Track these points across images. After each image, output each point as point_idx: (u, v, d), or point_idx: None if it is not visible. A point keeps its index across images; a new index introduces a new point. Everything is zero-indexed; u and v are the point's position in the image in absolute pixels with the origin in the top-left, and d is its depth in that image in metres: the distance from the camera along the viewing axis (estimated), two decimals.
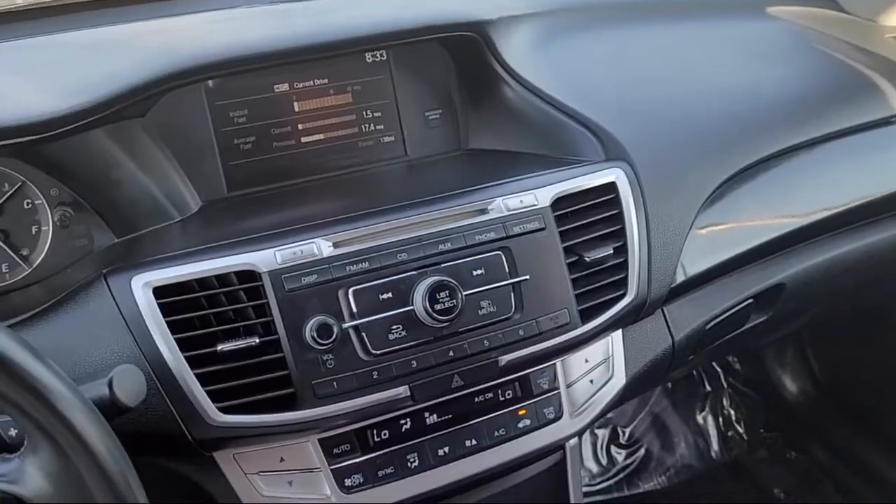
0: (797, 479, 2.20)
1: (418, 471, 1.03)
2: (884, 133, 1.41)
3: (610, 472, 2.24)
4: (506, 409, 1.08)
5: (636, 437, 2.31)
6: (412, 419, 1.04)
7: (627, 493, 2.21)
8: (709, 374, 2.40)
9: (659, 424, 2.34)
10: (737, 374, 2.39)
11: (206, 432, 0.91)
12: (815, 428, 2.22)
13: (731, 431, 2.34)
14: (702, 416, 2.36)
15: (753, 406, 2.35)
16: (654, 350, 1.20)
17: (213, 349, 0.91)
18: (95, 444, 0.68)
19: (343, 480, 0.99)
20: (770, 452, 2.29)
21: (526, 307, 1.04)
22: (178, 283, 0.91)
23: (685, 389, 2.38)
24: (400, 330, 0.97)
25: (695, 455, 2.31)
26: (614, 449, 2.27)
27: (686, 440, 2.33)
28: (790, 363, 2.29)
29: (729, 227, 1.25)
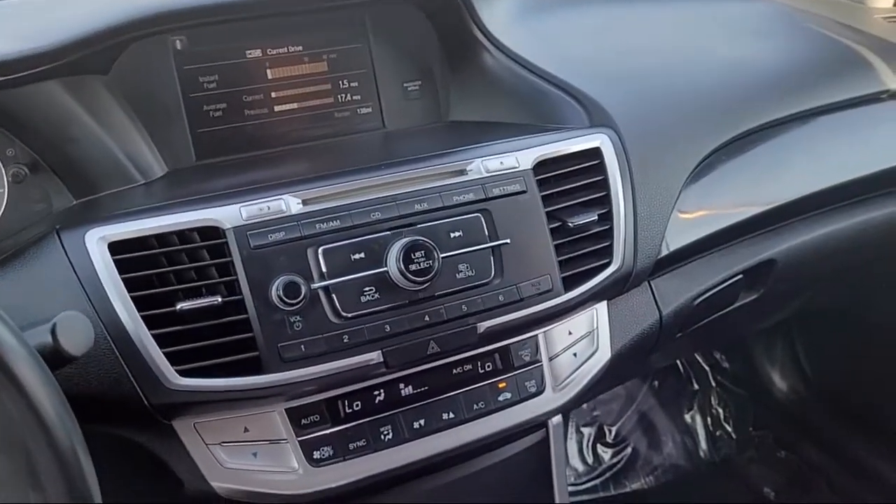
0: (788, 479, 2.15)
1: (392, 444, 0.97)
2: (873, 110, 1.38)
3: (596, 472, 2.18)
4: (485, 381, 1.03)
5: (623, 436, 2.25)
6: (386, 390, 0.98)
7: (614, 493, 2.16)
8: (696, 373, 2.35)
9: (646, 423, 2.29)
10: (725, 373, 2.35)
11: (163, 397, 0.85)
12: (806, 426, 2.18)
13: (719, 431, 2.29)
14: (689, 414, 2.31)
15: (742, 404, 2.30)
16: (640, 324, 1.15)
17: (173, 309, 0.85)
18: (33, 390, 0.63)
19: (311, 453, 0.93)
20: (759, 451, 2.23)
21: (506, 272, 0.99)
22: (136, 238, 0.85)
23: (673, 388, 2.34)
24: (373, 292, 0.92)
25: (683, 454, 2.26)
26: (601, 448, 2.22)
27: (674, 439, 2.28)
28: (780, 360, 2.25)
29: (717, 200, 1.21)
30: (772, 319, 1.67)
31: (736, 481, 2.19)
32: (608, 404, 2.28)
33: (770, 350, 2.26)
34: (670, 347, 1.44)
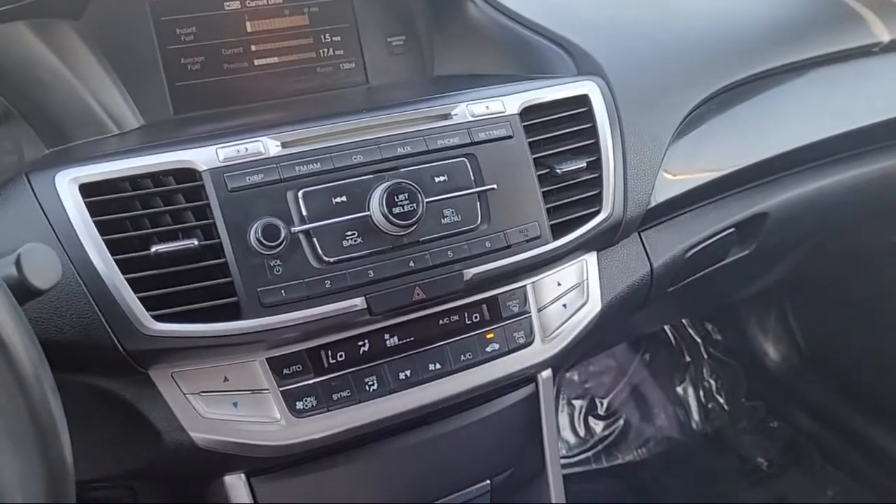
0: (781, 449, 2.14)
1: (377, 395, 0.94)
2: (865, 63, 1.35)
3: (588, 444, 2.17)
4: (473, 332, 1.00)
5: (614, 409, 2.24)
6: (370, 341, 0.95)
7: (606, 465, 2.14)
8: (688, 345, 2.34)
9: (638, 395, 2.27)
10: (717, 344, 2.33)
11: (138, 343, 0.82)
12: (799, 396, 2.17)
13: (711, 403, 2.28)
14: (681, 386, 2.30)
15: (734, 375, 2.29)
16: (631, 276, 1.13)
17: (147, 253, 0.82)
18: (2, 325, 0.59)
19: (294, 403, 0.91)
20: (752, 422, 2.22)
21: (493, 218, 0.96)
22: (108, 180, 0.82)
23: (664, 360, 2.32)
24: (355, 237, 0.89)
25: (675, 426, 2.24)
26: (592, 420, 2.20)
27: (666, 411, 2.26)
28: (772, 331, 2.23)
29: (708, 151, 1.19)
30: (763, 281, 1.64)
31: (728, 452, 2.17)
32: (599, 377, 2.26)
33: (763, 321, 2.25)
34: (660, 307, 1.42)
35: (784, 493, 2.03)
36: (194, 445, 0.88)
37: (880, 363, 1.96)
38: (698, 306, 1.71)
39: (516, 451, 1.11)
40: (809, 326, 2.15)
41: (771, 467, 2.10)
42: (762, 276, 1.60)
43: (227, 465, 0.93)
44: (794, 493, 2.02)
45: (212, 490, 0.96)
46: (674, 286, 1.23)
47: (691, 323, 2.35)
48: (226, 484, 0.94)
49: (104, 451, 0.93)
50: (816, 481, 2.03)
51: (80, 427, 0.89)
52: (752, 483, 2.07)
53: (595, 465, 2.14)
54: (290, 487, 0.97)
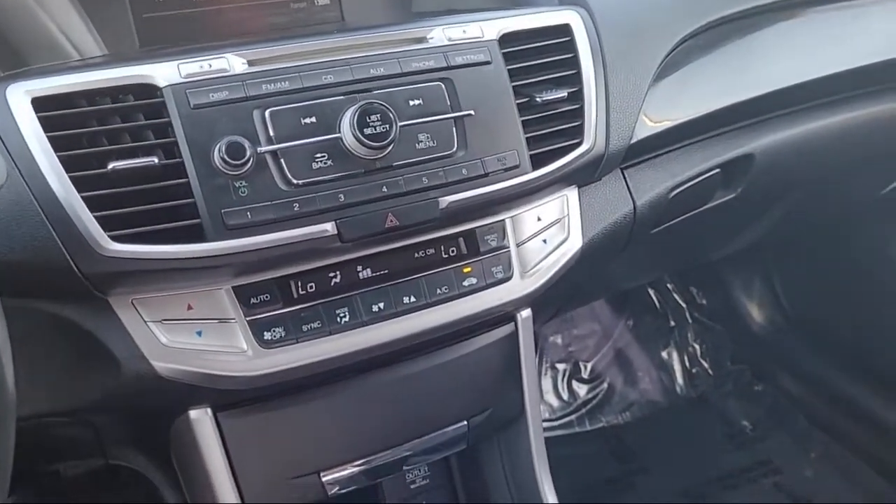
0: (765, 412, 2.12)
1: (349, 327, 0.91)
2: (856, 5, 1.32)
3: (571, 407, 2.14)
4: (449, 265, 0.97)
5: (598, 372, 2.21)
6: (342, 272, 0.91)
7: (589, 428, 2.12)
8: (673, 309, 2.32)
9: (622, 359, 2.25)
10: (702, 309, 2.32)
11: (95, 265, 0.78)
12: (784, 358, 2.15)
13: (695, 367, 2.26)
14: (666, 351, 2.28)
15: (719, 340, 2.27)
16: (613, 213, 1.10)
17: (104, 171, 0.78)
18: None
19: (261, 333, 0.87)
20: (737, 386, 2.21)
21: (470, 145, 0.92)
22: (62, 94, 0.78)
23: (649, 325, 2.30)
24: (325, 159, 0.85)
25: (659, 390, 2.22)
26: (576, 383, 2.18)
27: (650, 375, 2.24)
28: (757, 294, 2.22)
29: (694, 88, 1.15)
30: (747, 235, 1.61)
31: (713, 416, 2.16)
32: (583, 340, 2.24)
33: (747, 284, 2.23)
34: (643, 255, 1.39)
35: (768, 455, 2.01)
36: (157, 375, 0.84)
37: (865, 324, 1.95)
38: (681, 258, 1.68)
39: (495, 391, 1.08)
40: (794, 289, 2.14)
41: (755, 430, 2.09)
42: (746, 228, 1.57)
43: (192, 398, 0.89)
44: (779, 456, 2.00)
45: (177, 426, 0.93)
46: (657, 228, 1.19)
47: (676, 287, 2.33)
48: (191, 419, 0.91)
49: (59, 382, 0.89)
50: (800, 443, 2.02)
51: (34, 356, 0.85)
52: (736, 446, 2.06)
53: (578, 428, 2.11)
54: (258, 423, 0.94)
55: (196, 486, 0.97)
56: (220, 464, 0.92)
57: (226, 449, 0.92)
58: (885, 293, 1.86)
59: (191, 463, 0.94)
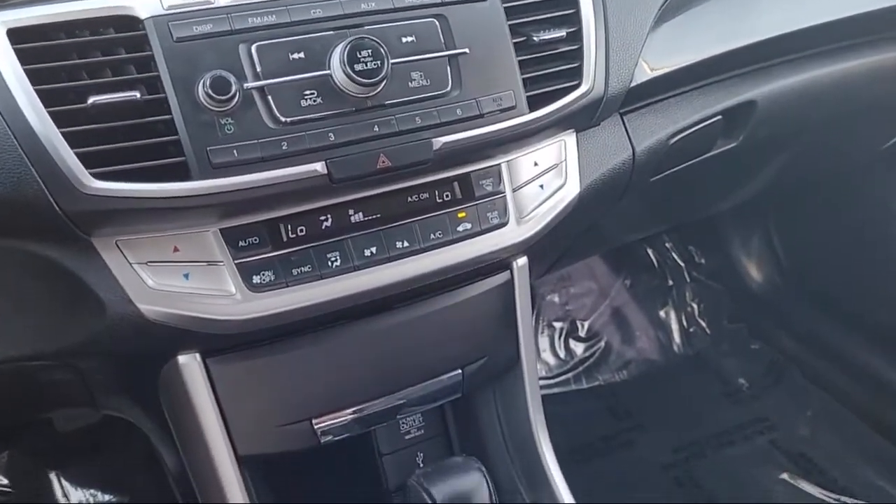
0: (762, 370, 2.12)
1: (340, 272, 0.88)
2: None
3: (568, 365, 2.13)
4: (443, 210, 0.94)
5: (595, 331, 2.20)
6: (333, 216, 0.89)
7: (586, 386, 2.11)
8: (671, 269, 2.31)
9: (619, 318, 2.24)
10: (700, 268, 2.30)
11: (77, 203, 0.75)
12: (782, 317, 2.14)
13: (693, 326, 2.25)
14: (664, 310, 2.27)
15: (717, 298, 2.26)
16: (612, 159, 1.07)
17: (84, 105, 0.75)
18: None
19: (250, 277, 0.85)
20: (734, 345, 2.20)
21: (465, 85, 0.89)
22: (40, 25, 0.75)
23: (647, 284, 2.29)
24: (314, 97, 0.82)
25: (656, 349, 2.21)
26: (573, 342, 2.17)
27: (647, 334, 2.23)
28: (756, 252, 2.20)
29: (696, 32, 1.12)
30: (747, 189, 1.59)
31: (709, 374, 2.15)
32: (580, 299, 2.22)
33: (746, 243, 2.21)
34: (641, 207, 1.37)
35: (765, 413, 2.01)
36: (143, 319, 0.82)
37: (863, 282, 1.94)
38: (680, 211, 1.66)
39: (490, 340, 1.06)
40: (793, 247, 2.12)
41: (752, 388, 2.09)
42: (747, 181, 1.54)
43: (180, 343, 0.87)
44: (775, 413, 2.00)
45: (165, 372, 0.91)
46: (657, 176, 1.17)
47: (674, 247, 2.31)
48: (179, 364, 0.89)
49: (44, 324, 0.87)
50: (797, 401, 2.02)
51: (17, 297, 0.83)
52: (732, 403, 2.05)
53: (575, 386, 2.11)
54: (248, 369, 0.92)
55: (186, 435, 0.96)
56: (209, 411, 0.90)
57: (216, 395, 0.90)
58: (886, 250, 1.85)
59: (180, 410, 0.93)
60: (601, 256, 2.26)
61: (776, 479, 1.82)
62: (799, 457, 1.87)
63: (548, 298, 2.19)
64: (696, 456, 1.89)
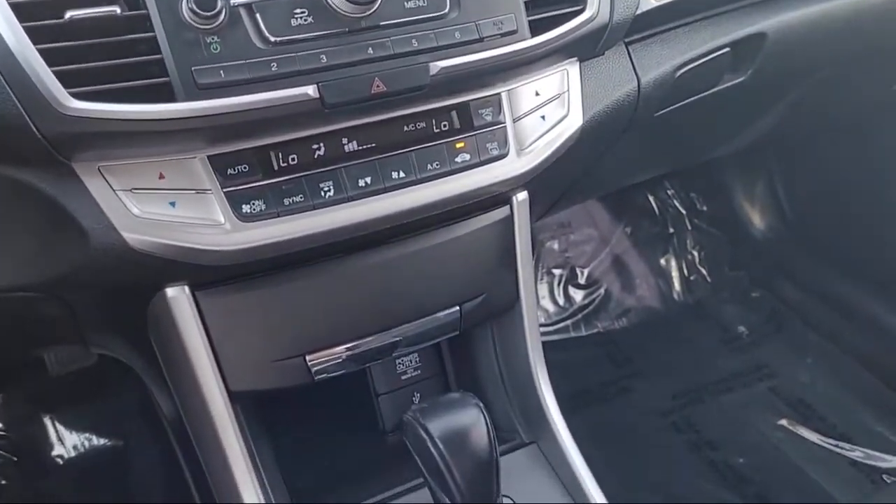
0: (762, 318, 2.10)
1: (333, 202, 0.85)
2: None
3: (567, 312, 2.11)
4: (441, 140, 0.91)
5: (595, 278, 2.18)
6: (326, 144, 0.85)
7: (585, 333, 2.09)
8: (672, 217, 2.27)
9: (619, 266, 2.21)
10: (701, 215, 2.27)
11: (56, 124, 0.72)
12: (783, 264, 2.12)
13: (694, 274, 2.23)
14: (664, 258, 2.24)
15: (719, 246, 2.23)
16: (616, 90, 1.03)
17: (61, 20, 0.71)
18: None
19: (240, 206, 0.81)
20: (734, 293, 2.18)
21: (464, 7, 0.85)
22: None
23: (647, 231, 2.26)
24: (305, 16, 0.78)
25: (656, 297, 2.19)
26: (572, 289, 2.14)
27: (647, 282, 2.21)
28: (759, 199, 2.17)
29: None
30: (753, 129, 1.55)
31: (709, 322, 2.13)
32: (580, 246, 2.20)
33: (749, 189, 2.18)
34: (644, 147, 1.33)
35: (764, 360, 2.00)
36: (128, 248, 0.79)
37: (867, 229, 1.91)
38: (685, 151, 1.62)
39: (488, 277, 1.03)
40: (797, 194, 2.09)
41: (752, 336, 2.07)
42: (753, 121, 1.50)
43: (168, 274, 0.84)
44: (774, 361, 1.99)
45: (154, 306, 0.88)
46: (662, 110, 1.13)
47: (676, 194, 2.28)
48: (168, 297, 0.86)
49: (26, 253, 0.84)
50: (797, 348, 2.00)
51: None
52: (732, 351, 2.04)
53: (574, 333, 2.09)
54: (239, 303, 0.89)
55: (177, 371, 0.93)
56: (199, 345, 0.87)
57: (206, 329, 0.88)
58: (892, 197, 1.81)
59: (170, 345, 0.90)
60: (601, 203, 2.23)
61: (775, 424, 1.81)
62: (798, 403, 1.87)
63: (547, 245, 2.16)
64: (694, 402, 1.88)
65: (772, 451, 1.75)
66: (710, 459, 1.75)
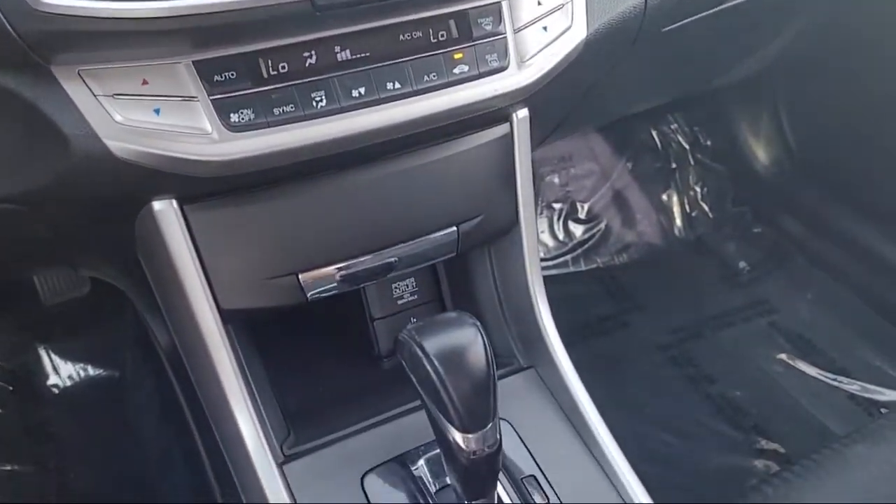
0: (764, 254, 2.08)
1: (326, 113, 0.82)
2: None
3: (566, 247, 2.09)
4: (439, 50, 0.87)
5: (595, 213, 2.15)
6: (318, 52, 0.81)
7: (584, 268, 2.07)
8: (675, 151, 2.23)
9: (620, 201, 2.18)
10: (705, 150, 2.23)
11: (29, 21, 0.68)
12: (787, 199, 2.08)
13: (695, 210, 2.20)
14: (666, 193, 2.21)
15: (721, 182, 2.20)
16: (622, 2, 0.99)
17: None
18: None
19: (227, 115, 0.78)
20: (736, 228, 2.15)
21: None
22: None
23: (649, 166, 2.22)
24: None
25: (657, 233, 2.17)
26: (572, 224, 2.12)
27: (648, 218, 2.18)
28: (764, 133, 2.12)
29: None
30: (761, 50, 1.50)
31: (710, 258, 2.11)
32: (581, 180, 2.16)
33: (754, 124, 2.13)
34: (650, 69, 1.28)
35: (765, 295, 1.98)
36: (111, 157, 0.75)
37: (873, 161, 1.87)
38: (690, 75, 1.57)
39: (487, 196, 1.00)
40: (802, 126, 2.04)
41: (753, 272, 2.05)
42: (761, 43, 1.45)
43: (154, 186, 0.81)
44: (775, 296, 1.97)
45: (141, 220, 0.85)
46: (669, 26, 1.08)
47: (679, 128, 2.23)
48: (154, 211, 0.83)
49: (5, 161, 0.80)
50: (798, 284, 1.99)
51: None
52: (732, 287, 2.03)
53: (573, 268, 2.07)
54: (229, 218, 0.86)
55: (167, 291, 0.91)
56: (188, 261, 0.85)
57: (195, 245, 0.85)
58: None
59: (159, 263, 0.87)
60: (603, 136, 2.18)
61: (774, 359, 1.81)
62: (798, 338, 1.86)
63: (547, 179, 2.12)
64: (693, 336, 1.87)
65: (770, 385, 1.75)
66: (708, 393, 1.75)
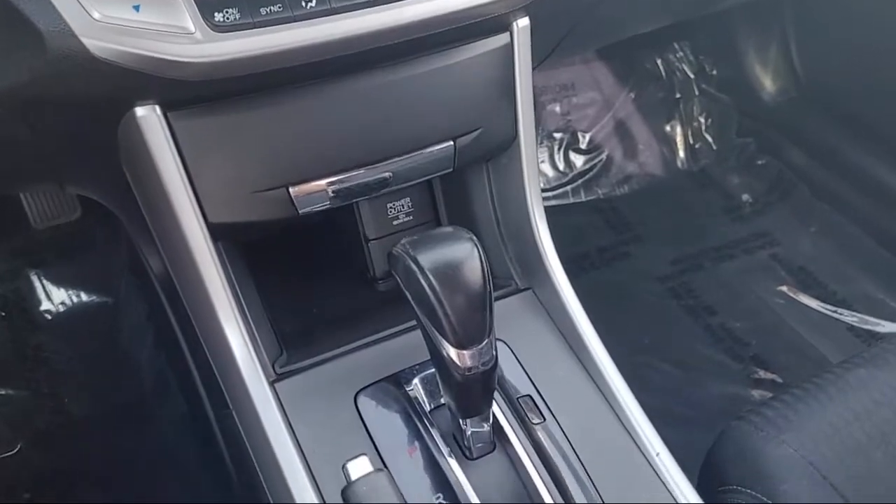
0: (768, 185, 2.05)
1: (316, 14, 0.77)
2: None
3: (567, 177, 2.06)
4: None
5: (597, 143, 2.11)
6: None
7: (585, 199, 2.04)
8: (680, 81, 2.18)
9: (622, 131, 2.14)
10: (710, 79, 2.18)
11: None
12: (792, 129, 2.04)
13: (699, 142, 2.16)
14: (669, 124, 2.16)
15: (726, 112, 2.15)
16: None
17: None
18: None
19: (211, 13, 0.74)
20: (740, 160, 2.12)
21: None
22: None
23: (653, 96, 2.17)
24: None
25: (659, 164, 2.13)
26: (573, 154, 2.08)
27: (651, 149, 2.14)
28: (772, 62, 2.07)
29: None
30: None
31: (712, 189, 2.08)
32: (583, 110, 2.11)
33: (762, 52, 2.08)
34: None
35: (767, 228, 1.96)
36: (89, 56, 0.71)
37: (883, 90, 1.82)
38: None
39: (486, 110, 0.96)
40: (811, 55, 1.98)
41: (756, 204, 2.03)
42: None
43: (135, 89, 0.77)
44: (778, 229, 1.95)
45: (123, 128, 0.82)
46: None
47: (685, 57, 2.17)
48: (137, 117, 0.79)
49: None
50: (802, 217, 1.96)
51: None
52: (734, 219, 2.00)
53: (573, 198, 2.04)
54: (215, 126, 0.82)
55: (153, 205, 0.88)
56: (174, 171, 0.81)
57: (180, 155, 0.81)
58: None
59: (143, 174, 0.84)
60: (606, 64, 2.13)
61: (774, 290, 1.79)
62: (799, 270, 1.84)
63: (548, 108, 2.08)
64: (693, 268, 1.86)
65: (770, 316, 1.74)
66: (707, 323, 1.74)
